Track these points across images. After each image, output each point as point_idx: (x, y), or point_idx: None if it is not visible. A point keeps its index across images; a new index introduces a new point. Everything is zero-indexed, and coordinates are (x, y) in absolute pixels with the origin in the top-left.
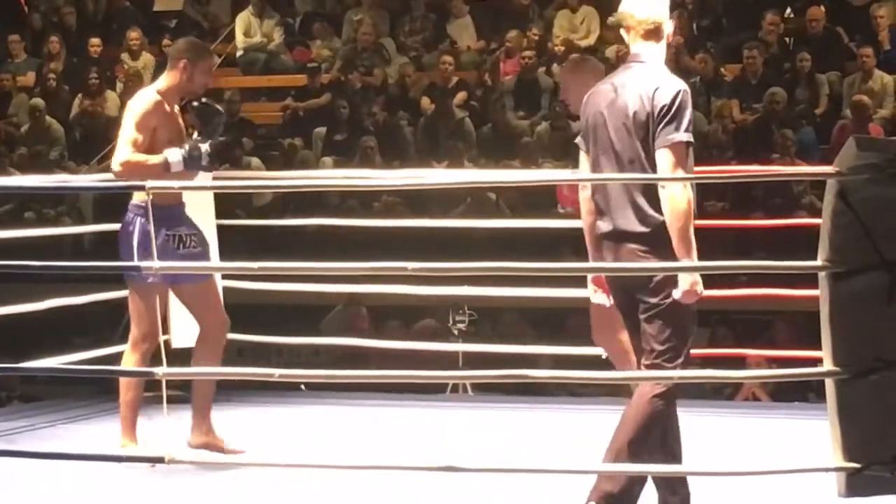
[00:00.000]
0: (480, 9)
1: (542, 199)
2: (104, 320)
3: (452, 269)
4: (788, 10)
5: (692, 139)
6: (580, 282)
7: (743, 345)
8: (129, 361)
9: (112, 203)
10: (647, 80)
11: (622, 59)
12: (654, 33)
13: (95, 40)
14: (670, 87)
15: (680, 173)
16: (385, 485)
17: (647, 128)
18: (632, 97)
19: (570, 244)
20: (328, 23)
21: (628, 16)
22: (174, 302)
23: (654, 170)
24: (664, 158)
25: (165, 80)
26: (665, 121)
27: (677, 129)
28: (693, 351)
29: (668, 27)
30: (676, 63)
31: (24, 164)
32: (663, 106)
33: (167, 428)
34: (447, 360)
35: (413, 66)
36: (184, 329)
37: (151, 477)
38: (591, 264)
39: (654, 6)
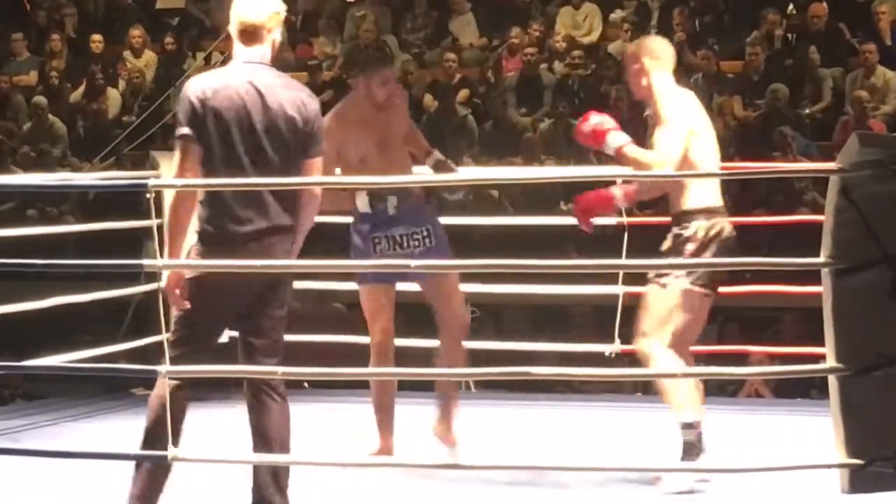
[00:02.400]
0: (482, 5)
1: (545, 196)
2: (107, 318)
3: (455, 265)
4: (791, 6)
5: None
6: (584, 279)
7: (750, 341)
8: (371, 363)
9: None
10: (291, 85)
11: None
12: (263, 35)
13: (97, 37)
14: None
15: None
16: (390, 481)
17: (302, 133)
18: (287, 101)
19: (573, 241)
20: (330, 20)
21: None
22: None
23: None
24: (312, 168)
25: (352, 97)
26: (315, 129)
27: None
28: (698, 348)
29: (277, 35)
30: (678, 60)
31: (27, 163)
32: (316, 115)
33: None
34: None
35: (415, 63)
36: None
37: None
38: (594, 261)
39: (269, 5)
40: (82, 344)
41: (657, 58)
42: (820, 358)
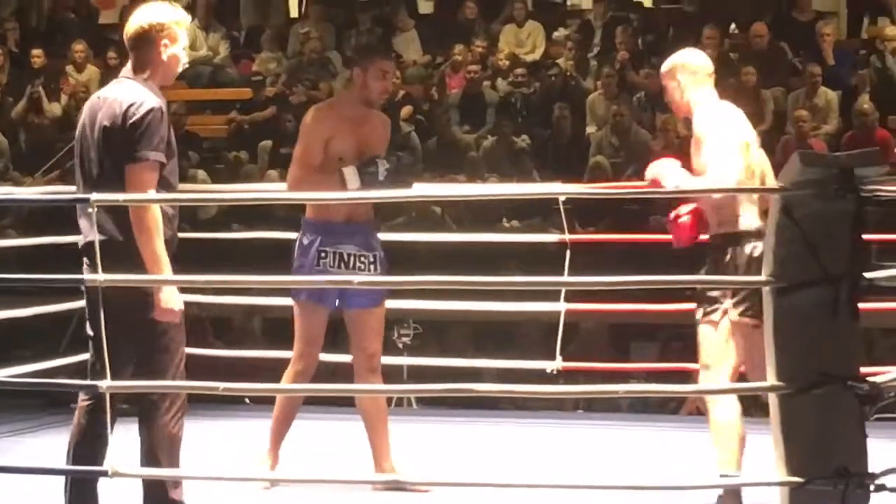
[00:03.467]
0: (426, 23)
1: (488, 213)
2: (48, 333)
3: (398, 282)
4: (733, 25)
5: (161, 158)
6: (525, 296)
7: (691, 359)
8: (285, 378)
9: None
10: (123, 94)
11: (570, 74)
12: (135, 48)
13: (37, 52)
14: (143, 104)
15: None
16: (329, 499)
17: (116, 142)
18: (108, 111)
19: (515, 258)
20: (273, 36)
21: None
22: None
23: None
24: (130, 175)
25: (347, 90)
26: (133, 137)
27: (146, 147)
28: (640, 365)
29: (171, 47)
30: (621, 78)
31: None
32: (133, 122)
33: (112, 441)
34: (392, 374)
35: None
36: None
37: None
38: (537, 278)
39: (139, 19)
40: (23, 359)
41: (693, 72)
42: None
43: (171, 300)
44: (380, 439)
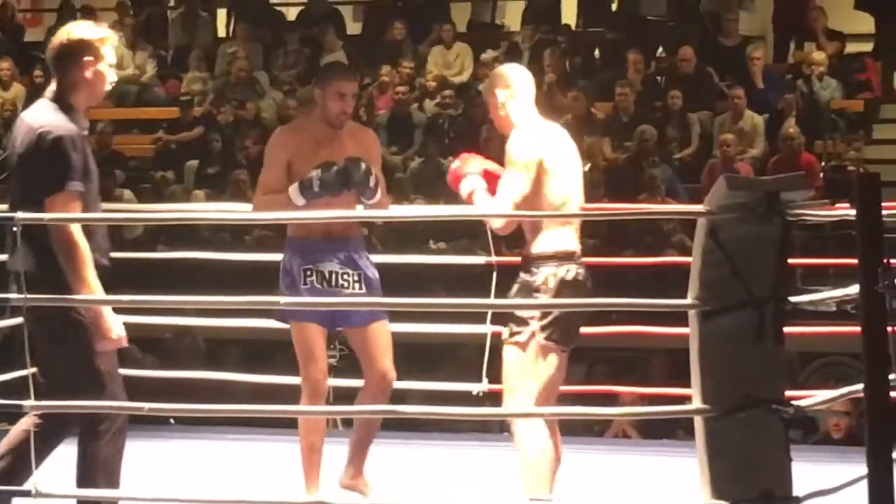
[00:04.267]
0: (354, 43)
1: (415, 235)
2: None
3: (325, 303)
4: (660, 49)
5: (79, 188)
6: (452, 317)
7: (617, 381)
8: (301, 401)
9: None
10: (36, 119)
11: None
12: (58, 66)
13: None
14: (53, 131)
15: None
16: None
17: (30, 170)
18: (24, 137)
19: (442, 280)
20: (201, 56)
21: None
22: None
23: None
24: (50, 209)
25: (314, 114)
26: (46, 168)
27: (61, 177)
28: (567, 388)
29: (96, 65)
30: (549, 100)
31: None
32: (44, 152)
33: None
34: None
35: (290, 99)
36: None
37: None
38: (462, 301)
39: (61, 36)
40: None
41: (507, 86)
42: (686, 399)
43: (114, 327)
44: (363, 454)
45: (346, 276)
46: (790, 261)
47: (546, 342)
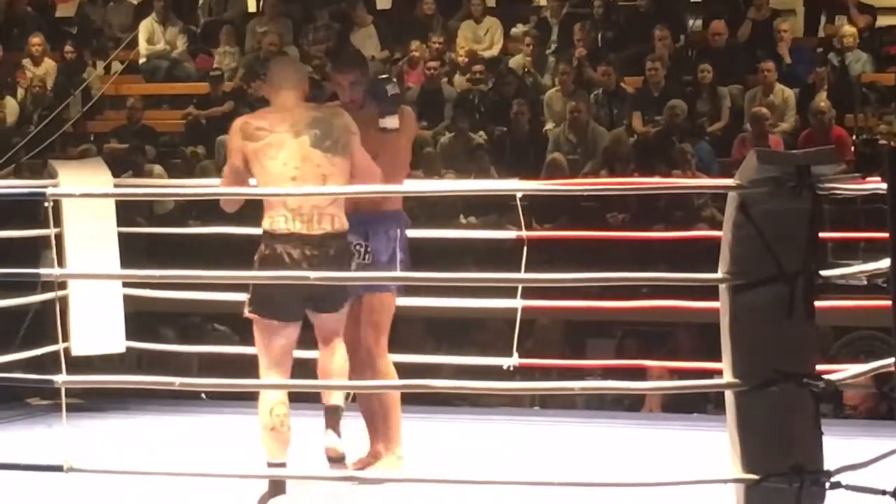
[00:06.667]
0: (384, 18)
1: (445, 209)
2: (3, 328)
3: (353, 278)
4: (692, 22)
5: None
6: (482, 292)
7: (647, 356)
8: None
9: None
10: None
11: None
12: None
13: None
14: None
15: None
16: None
17: None
18: None
19: (472, 254)
20: (231, 31)
21: None
22: (74, 307)
23: None
24: None
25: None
26: None
27: None
28: (596, 362)
29: None
30: (578, 75)
31: None
32: None
33: (67, 436)
34: None
35: (318, 74)
36: (84, 336)
37: (52, 487)
38: (494, 275)
39: None
40: None
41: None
42: (716, 373)
43: None
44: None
45: (357, 247)
46: (821, 235)
47: (250, 314)
